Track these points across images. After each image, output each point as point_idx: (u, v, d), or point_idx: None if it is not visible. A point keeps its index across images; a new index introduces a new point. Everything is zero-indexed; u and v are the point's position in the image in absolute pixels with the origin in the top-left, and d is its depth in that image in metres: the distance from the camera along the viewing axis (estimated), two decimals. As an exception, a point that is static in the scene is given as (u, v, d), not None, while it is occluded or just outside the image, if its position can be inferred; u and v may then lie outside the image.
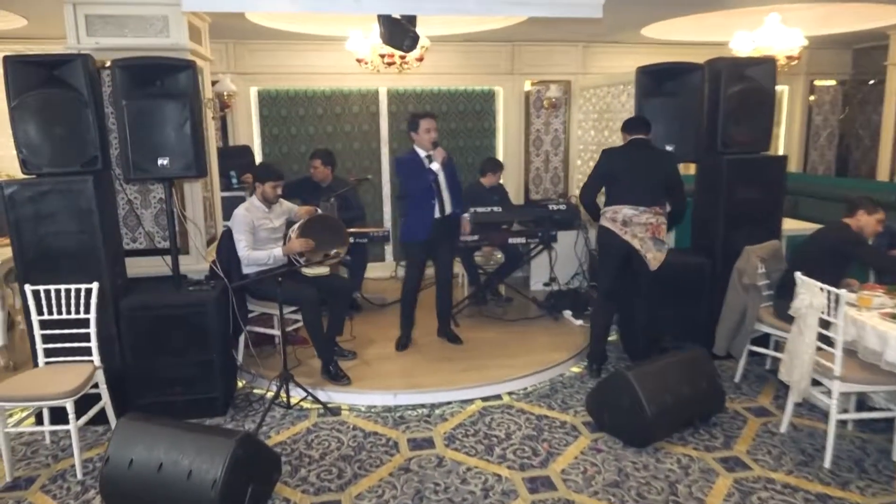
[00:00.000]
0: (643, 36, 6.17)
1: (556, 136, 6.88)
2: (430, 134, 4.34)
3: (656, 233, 4.00)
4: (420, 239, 4.46)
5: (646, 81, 4.42)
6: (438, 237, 4.49)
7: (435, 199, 4.40)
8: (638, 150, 4.07)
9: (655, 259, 4.01)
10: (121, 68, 3.53)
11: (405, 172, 4.44)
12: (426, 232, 4.42)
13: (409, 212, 4.55)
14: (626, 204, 4.04)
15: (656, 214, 4.00)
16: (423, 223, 4.42)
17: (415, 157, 4.42)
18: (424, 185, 4.33)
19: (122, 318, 3.68)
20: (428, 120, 4.35)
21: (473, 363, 4.34)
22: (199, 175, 3.80)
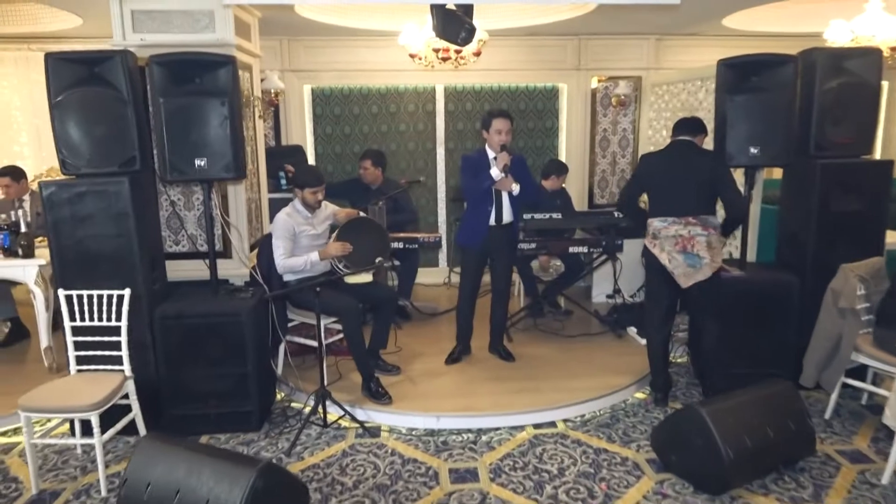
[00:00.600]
0: (725, 27, 5.63)
1: (624, 137, 6.41)
2: (501, 136, 4.00)
3: (688, 246, 3.56)
4: (473, 245, 4.14)
5: (729, 76, 3.93)
6: (494, 245, 4.18)
7: (491, 205, 4.07)
8: (675, 154, 3.71)
9: (686, 277, 3.58)
10: (158, 64, 3.37)
11: (466, 170, 4.12)
12: (480, 239, 4.11)
13: (467, 214, 4.25)
14: (657, 215, 3.69)
15: (688, 225, 3.57)
16: (478, 229, 4.11)
17: (481, 158, 4.10)
18: (480, 189, 4.01)
19: (155, 325, 3.53)
20: (501, 120, 4.01)
21: (526, 384, 3.98)
22: (238, 177, 3.61)
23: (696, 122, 3.83)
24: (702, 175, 3.63)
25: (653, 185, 3.78)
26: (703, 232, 3.57)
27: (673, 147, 3.77)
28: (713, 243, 3.58)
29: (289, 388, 4.07)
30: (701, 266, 3.55)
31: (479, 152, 4.19)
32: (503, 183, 4.03)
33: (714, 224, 3.62)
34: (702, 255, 3.55)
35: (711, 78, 4.88)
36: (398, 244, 4.99)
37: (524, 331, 4.96)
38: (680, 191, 3.64)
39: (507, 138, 4.02)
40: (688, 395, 4.08)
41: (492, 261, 4.26)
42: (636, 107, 6.32)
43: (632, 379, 4.08)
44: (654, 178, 3.76)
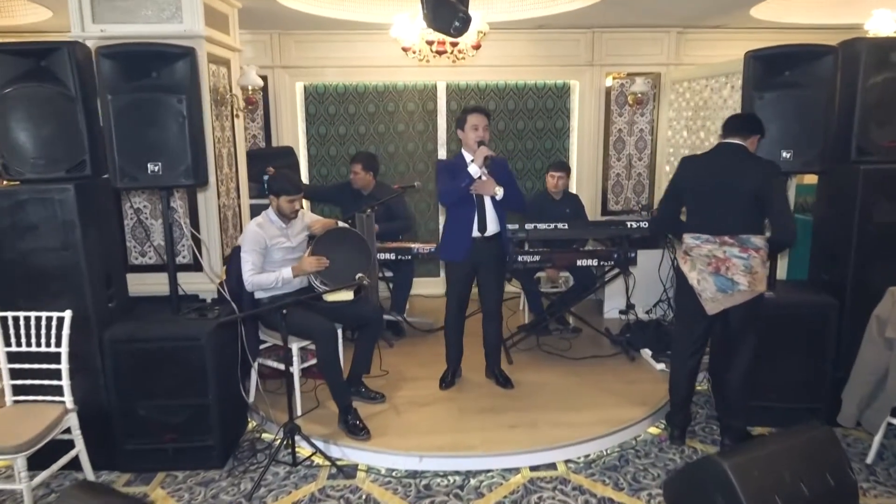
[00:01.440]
0: (753, 18, 5.11)
1: (640, 138, 5.93)
2: (478, 132, 3.58)
3: (722, 268, 3.06)
4: (456, 259, 3.72)
5: (758, 70, 3.46)
6: (481, 260, 3.75)
7: (473, 213, 3.64)
8: (720, 159, 3.15)
9: (714, 302, 3.09)
10: (105, 56, 2.99)
11: (442, 175, 3.69)
12: (463, 252, 3.69)
13: (447, 225, 3.82)
14: (691, 230, 3.19)
15: (724, 245, 3.06)
16: (460, 241, 3.69)
17: (459, 162, 3.69)
18: (456, 193, 3.57)
19: (105, 350, 3.15)
20: (476, 115, 3.60)
21: (523, 417, 3.54)
22: (198, 183, 3.22)
23: (750, 121, 3.18)
24: (750, 187, 3.03)
25: (691, 194, 3.24)
26: (742, 254, 3.04)
27: (719, 151, 3.18)
28: (755, 268, 3.04)
29: (260, 417, 3.68)
30: (733, 292, 3.05)
31: (457, 156, 3.78)
32: (484, 186, 3.60)
33: (756, 245, 3.05)
34: (737, 280, 3.03)
35: (738, 73, 4.42)
36: (390, 255, 4.60)
37: (527, 351, 4.51)
38: (720, 203, 3.09)
39: (484, 134, 3.61)
40: (707, 430, 3.61)
41: (479, 277, 3.84)
42: (654, 106, 5.83)
43: (645, 412, 3.62)
44: (693, 185, 3.22)
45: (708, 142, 4.93)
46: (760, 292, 3.09)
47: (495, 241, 3.77)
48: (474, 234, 3.68)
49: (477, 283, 3.86)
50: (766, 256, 3.10)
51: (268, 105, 5.63)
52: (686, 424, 3.49)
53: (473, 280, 3.85)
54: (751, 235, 3.05)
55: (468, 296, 3.89)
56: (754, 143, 3.14)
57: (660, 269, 5.02)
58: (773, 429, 3.58)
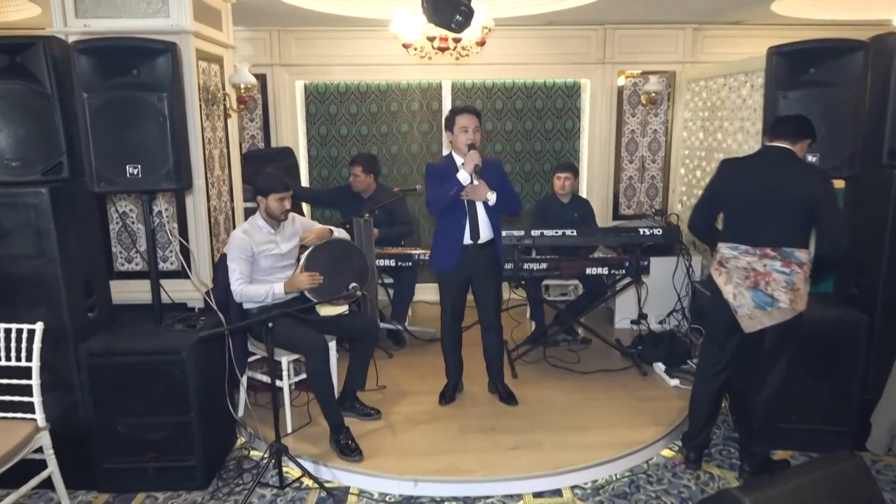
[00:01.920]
0: (774, 13, 4.86)
1: (654, 139, 5.68)
2: (468, 134, 3.38)
3: (761, 283, 2.80)
4: (447, 268, 3.51)
5: (781, 67, 3.21)
6: (474, 269, 3.54)
7: (465, 219, 3.43)
8: (765, 164, 2.88)
9: (751, 319, 2.84)
10: (81, 52, 2.81)
11: (431, 180, 3.49)
12: (453, 261, 3.48)
13: (436, 233, 3.61)
14: (728, 240, 2.93)
15: (765, 258, 2.80)
16: (451, 249, 3.48)
17: (449, 165, 3.48)
18: (446, 201, 3.37)
19: (81, 364, 2.97)
20: (466, 116, 3.39)
21: (527, 438, 3.32)
22: (180, 187, 3.03)
23: (801, 124, 2.88)
24: (797, 196, 2.76)
25: (730, 201, 2.98)
26: (784, 269, 2.78)
27: (764, 155, 2.92)
28: (797, 284, 2.78)
29: (249, 434, 3.48)
30: (773, 310, 2.79)
31: (446, 159, 3.57)
32: (476, 191, 3.38)
33: (800, 260, 2.79)
34: (777, 296, 2.77)
35: (758, 71, 4.20)
36: (390, 261, 4.40)
37: (533, 363, 4.28)
38: (764, 213, 2.82)
39: (475, 137, 3.39)
40: (725, 453, 3.38)
41: (474, 287, 3.63)
42: (669, 105, 5.58)
43: (658, 433, 3.38)
44: (732, 191, 2.96)
45: (725, 143, 4.68)
46: (801, 311, 2.82)
47: (490, 248, 3.56)
48: (466, 242, 3.47)
49: (472, 293, 3.65)
50: (809, 272, 2.83)
51: (267, 105, 5.45)
52: (704, 447, 3.25)
53: (468, 290, 3.64)
54: (795, 249, 2.79)
55: (463, 307, 3.68)
56: (804, 149, 2.87)
57: (674, 277, 4.79)
58: (794, 452, 3.35)
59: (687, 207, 5.41)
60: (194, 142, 3.44)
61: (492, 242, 3.57)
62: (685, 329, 4.70)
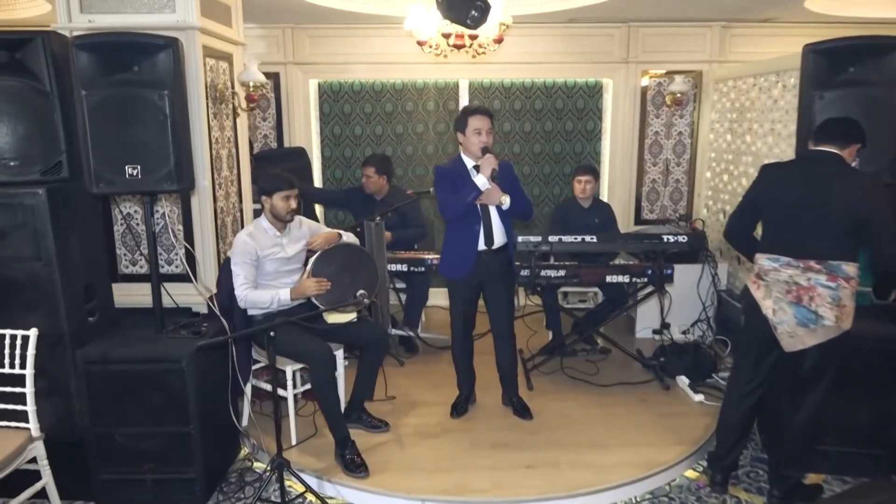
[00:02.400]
0: (808, 11, 4.63)
1: (679, 141, 5.47)
2: (481, 136, 3.23)
3: (805, 298, 2.59)
4: (458, 276, 3.36)
5: (818, 65, 3.02)
6: (487, 276, 3.39)
7: (479, 224, 3.28)
8: (811, 170, 2.68)
9: (792, 338, 2.63)
10: (80, 48, 2.70)
11: (442, 185, 3.34)
12: (466, 267, 3.34)
13: (448, 239, 3.46)
14: (768, 251, 2.73)
15: (809, 271, 2.59)
16: (464, 255, 3.33)
17: (458, 168, 3.34)
18: (462, 204, 3.22)
19: (78, 371, 2.86)
20: (479, 117, 3.24)
21: (542, 455, 3.15)
22: (182, 188, 2.92)
23: (851, 127, 2.67)
24: (846, 205, 2.55)
25: (771, 209, 2.77)
26: (830, 283, 2.56)
27: (810, 160, 2.73)
28: (843, 300, 2.57)
29: (252, 444, 3.36)
30: (816, 327, 2.59)
31: (455, 161, 3.43)
32: (491, 195, 3.24)
33: (847, 274, 2.58)
34: (822, 313, 2.57)
35: (790, 71, 3.99)
36: (402, 266, 4.26)
37: (549, 374, 4.11)
38: (808, 222, 2.62)
39: (488, 139, 3.25)
40: (753, 475, 3.17)
41: (486, 294, 3.47)
42: (695, 106, 5.37)
43: (681, 452, 3.19)
44: (775, 199, 2.74)
45: (754, 146, 4.47)
46: (846, 329, 2.61)
47: (502, 254, 3.41)
48: (480, 248, 3.32)
49: (484, 301, 3.49)
50: (855, 287, 2.61)
51: (280, 104, 5.34)
52: (732, 469, 3.06)
53: (479, 297, 3.49)
54: (842, 262, 2.57)
55: (474, 315, 3.53)
56: (853, 153, 2.66)
57: (699, 285, 4.59)
58: (827, 476, 3.13)
59: (713, 212, 5.20)
60: (200, 141, 3.35)
61: (505, 248, 3.42)
62: (710, 340, 4.49)
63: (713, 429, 3.38)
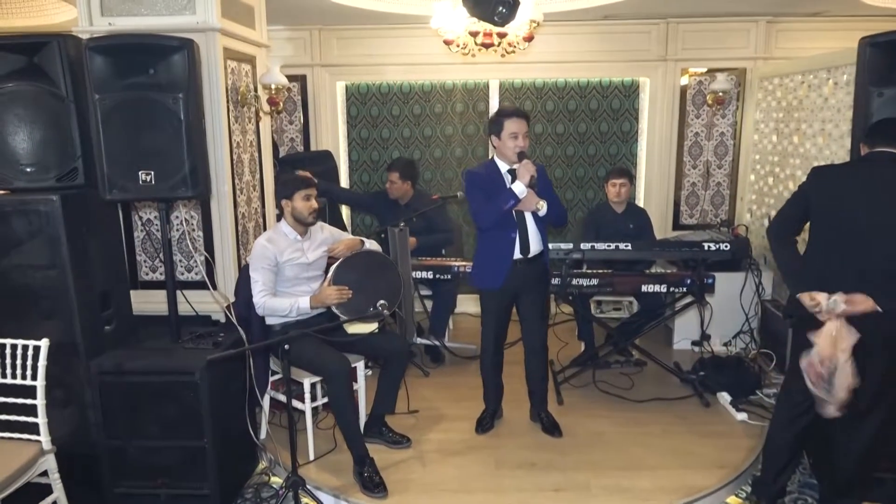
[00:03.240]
0: (861, 3, 4.33)
1: (721, 142, 5.21)
2: (518, 141, 3.06)
3: None
4: (492, 287, 3.20)
5: (875, 60, 2.77)
6: (522, 286, 3.22)
7: (515, 231, 3.11)
8: (871, 175, 2.45)
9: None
10: (94, 51, 2.63)
11: (474, 191, 3.17)
12: (500, 277, 3.17)
13: (481, 247, 3.30)
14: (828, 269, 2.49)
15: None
16: (499, 265, 3.16)
17: (492, 173, 3.18)
18: (499, 213, 3.05)
19: (92, 382, 2.80)
20: (515, 120, 3.07)
21: (572, 478, 2.97)
22: (198, 195, 2.83)
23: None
24: None
25: (822, 217, 2.56)
26: None
27: (869, 163, 2.51)
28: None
29: (270, 458, 3.26)
30: None
31: (488, 166, 3.25)
32: (527, 200, 3.06)
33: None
34: None
35: (842, 67, 3.73)
36: (427, 273, 4.12)
37: (580, 388, 3.92)
38: (865, 231, 2.42)
39: (524, 144, 3.08)
40: (801, 503, 2.93)
41: (519, 306, 3.30)
42: (738, 105, 5.11)
43: (722, 477, 2.97)
44: (829, 205, 2.52)
45: (803, 147, 4.20)
46: None
47: (538, 262, 3.24)
48: (516, 257, 3.15)
49: (517, 311, 3.32)
50: None
51: (307, 106, 5.26)
52: (779, 497, 2.83)
53: (512, 308, 3.32)
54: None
55: (506, 328, 3.36)
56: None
57: (741, 295, 4.34)
58: (882, 505, 2.88)
59: (757, 217, 4.93)
60: (220, 146, 3.27)
61: (540, 255, 3.25)
62: (753, 354, 4.23)
63: (758, 451, 3.18)
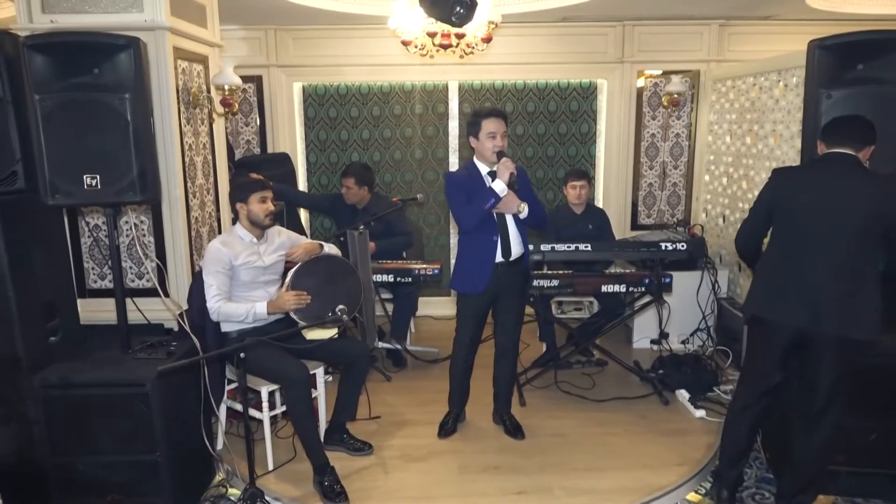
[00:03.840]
0: (809, 8, 4.45)
1: (677, 143, 5.29)
2: (496, 141, 3.04)
3: None
4: (474, 291, 3.17)
5: (824, 62, 2.84)
6: (502, 289, 3.20)
7: (497, 235, 3.09)
8: (827, 175, 2.53)
9: None
10: (33, 49, 2.51)
11: (455, 194, 3.13)
12: (483, 281, 3.14)
13: (461, 252, 3.27)
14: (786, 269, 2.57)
15: None
16: (481, 268, 3.14)
17: (472, 175, 3.15)
18: (480, 213, 3.03)
19: (36, 397, 2.67)
20: (493, 120, 3.05)
21: (535, 480, 2.96)
22: (147, 200, 2.73)
23: (865, 126, 2.52)
24: (864, 210, 2.42)
25: (782, 218, 2.62)
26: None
27: (827, 164, 2.56)
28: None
29: (227, 469, 3.16)
30: None
31: (468, 168, 3.23)
32: (508, 202, 3.05)
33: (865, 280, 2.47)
34: None
35: (792, 70, 3.83)
36: (388, 276, 4.07)
37: (543, 389, 3.92)
38: (824, 231, 2.48)
39: (503, 143, 3.06)
40: (759, 498, 2.98)
41: (497, 309, 3.29)
42: (693, 107, 5.20)
43: (682, 474, 3.01)
44: (790, 205, 2.59)
45: (755, 148, 4.29)
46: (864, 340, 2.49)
47: (518, 266, 3.23)
48: (498, 260, 3.13)
49: (493, 314, 3.31)
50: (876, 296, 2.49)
51: (263, 108, 5.15)
52: (738, 485, 2.88)
53: (489, 312, 3.30)
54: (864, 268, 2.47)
55: (481, 333, 3.35)
56: (868, 155, 2.51)
57: (698, 292, 4.41)
58: (837, 498, 2.95)
59: (712, 217, 5.02)
60: (171, 148, 3.18)
61: (521, 258, 3.24)
62: (710, 351, 4.31)
63: (716, 447, 3.23)
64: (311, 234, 5.30)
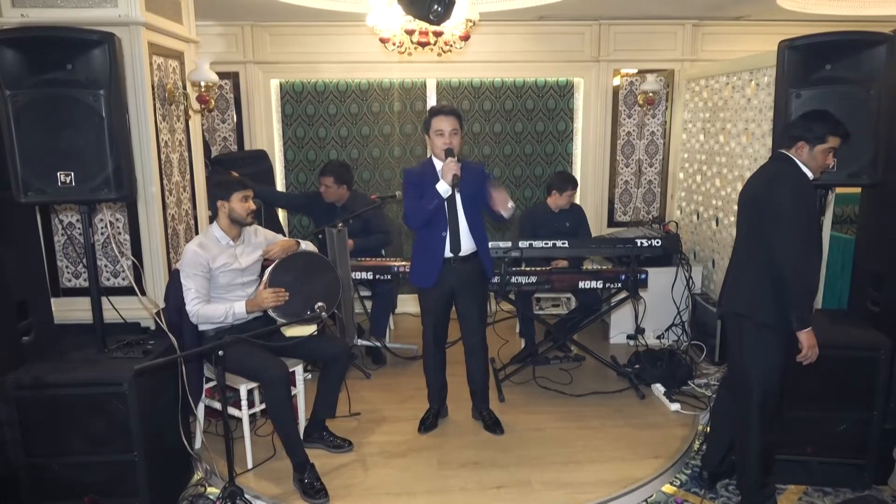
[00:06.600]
0: (780, 9, 4.52)
1: (652, 141, 5.37)
2: (444, 138, 3.05)
3: None
4: (426, 285, 3.20)
5: (794, 62, 2.90)
6: (457, 285, 3.22)
7: (445, 230, 3.12)
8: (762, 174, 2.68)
9: None
10: (3, 43, 2.47)
11: (410, 189, 3.17)
12: (433, 276, 3.17)
13: (415, 246, 3.31)
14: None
15: None
16: (430, 263, 3.16)
17: (427, 170, 3.17)
18: (424, 212, 3.06)
19: (8, 398, 2.63)
20: (441, 118, 3.07)
21: (514, 474, 2.99)
22: (122, 197, 2.69)
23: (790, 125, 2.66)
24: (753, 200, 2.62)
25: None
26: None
27: (765, 164, 2.76)
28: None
29: (205, 468, 3.14)
30: None
31: (425, 164, 3.25)
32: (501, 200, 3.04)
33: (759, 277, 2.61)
34: None
35: (763, 69, 3.91)
36: (367, 274, 4.07)
37: (521, 384, 3.96)
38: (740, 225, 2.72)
39: (452, 141, 3.06)
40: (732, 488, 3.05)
41: (457, 304, 3.31)
42: (667, 106, 5.27)
43: (658, 467, 3.06)
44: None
45: (728, 146, 4.37)
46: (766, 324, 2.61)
47: (474, 261, 3.24)
48: (447, 255, 3.15)
49: (456, 311, 3.33)
50: None
51: (240, 105, 5.11)
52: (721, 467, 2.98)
53: (451, 307, 3.32)
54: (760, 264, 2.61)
55: (446, 326, 3.37)
56: (802, 152, 2.56)
57: (673, 288, 4.48)
58: (807, 487, 3.04)
59: (686, 214, 5.10)
60: (146, 145, 3.15)
61: (475, 255, 3.25)
62: (685, 346, 4.38)
63: (690, 440, 3.31)
64: (290, 232, 5.28)
